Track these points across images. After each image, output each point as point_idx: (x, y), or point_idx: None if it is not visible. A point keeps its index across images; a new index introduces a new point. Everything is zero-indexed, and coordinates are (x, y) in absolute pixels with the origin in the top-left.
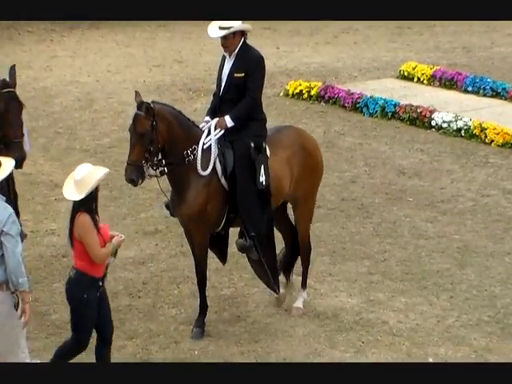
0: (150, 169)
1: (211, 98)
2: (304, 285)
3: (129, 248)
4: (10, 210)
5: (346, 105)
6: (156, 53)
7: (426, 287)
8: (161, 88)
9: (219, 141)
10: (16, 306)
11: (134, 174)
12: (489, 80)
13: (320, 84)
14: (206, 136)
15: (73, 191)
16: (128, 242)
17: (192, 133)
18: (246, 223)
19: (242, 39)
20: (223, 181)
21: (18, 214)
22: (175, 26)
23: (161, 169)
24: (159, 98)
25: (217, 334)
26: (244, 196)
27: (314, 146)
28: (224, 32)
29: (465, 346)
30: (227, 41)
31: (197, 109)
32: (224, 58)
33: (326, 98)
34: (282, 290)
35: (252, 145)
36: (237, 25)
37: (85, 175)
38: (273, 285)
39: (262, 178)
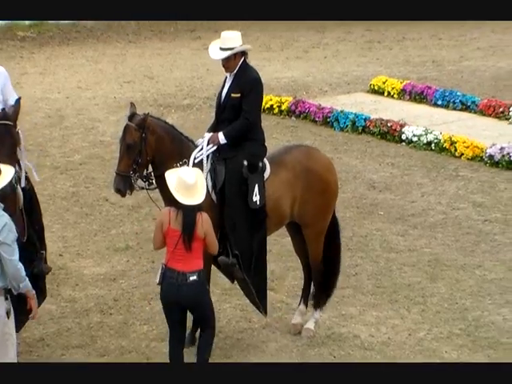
0: (140, 180)
1: (182, 113)
2: (317, 306)
3: (100, 265)
4: (6, 218)
5: (317, 119)
6: (126, 69)
7: (397, 301)
8: None
9: (213, 157)
10: (8, 314)
11: (122, 184)
12: (458, 93)
13: (291, 99)
14: (199, 151)
15: (191, 195)
16: (99, 258)
17: (184, 147)
18: (231, 240)
19: (243, 59)
20: (213, 196)
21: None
22: (145, 42)
23: (150, 181)
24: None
25: (189, 350)
26: (231, 212)
27: (323, 168)
28: (226, 54)
29: (436, 358)
30: (228, 62)
31: None
32: (226, 78)
33: (297, 112)
34: (298, 318)
35: (245, 163)
36: (238, 45)
37: (196, 177)
38: (259, 307)
39: (256, 198)
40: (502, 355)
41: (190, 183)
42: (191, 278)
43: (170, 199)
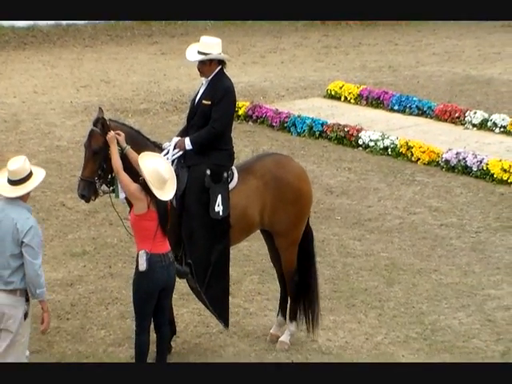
0: (104, 185)
1: (139, 118)
2: (292, 318)
3: (56, 270)
4: (32, 222)
5: (274, 124)
6: (83, 73)
7: (354, 305)
8: (88, 109)
9: (178, 163)
10: (25, 316)
11: (86, 190)
12: (415, 99)
13: (248, 104)
14: (165, 154)
15: (165, 189)
16: (55, 263)
17: (147, 150)
18: (186, 248)
19: (219, 67)
20: (174, 201)
21: None
22: (102, 47)
23: (114, 186)
24: (87, 119)
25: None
26: (189, 220)
27: (294, 177)
28: (200, 57)
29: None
30: (203, 66)
31: None
32: (202, 84)
33: (254, 117)
34: (275, 329)
35: (208, 172)
36: (215, 52)
37: (171, 172)
38: (218, 318)
39: (218, 208)
40: (458, 359)
41: (165, 178)
42: (171, 258)
43: (135, 177)
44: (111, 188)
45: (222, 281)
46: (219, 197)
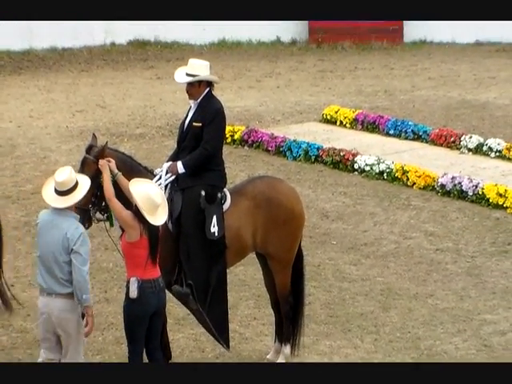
0: (98, 213)
1: (134, 143)
2: (286, 341)
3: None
4: (81, 229)
5: (270, 149)
6: (79, 98)
7: (350, 330)
8: (84, 133)
9: (171, 186)
10: (83, 316)
11: (80, 219)
12: (410, 123)
13: (243, 128)
14: (157, 180)
15: (157, 214)
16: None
17: (139, 175)
18: (185, 269)
19: (208, 89)
20: (170, 225)
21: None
22: (98, 71)
23: (108, 213)
24: (82, 144)
25: None
26: (186, 242)
27: (286, 198)
28: (188, 79)
29: None
30: (192, 88)
31: None
32: (190, 107)
33: (250, 142)
34: (272, 355)
35: (202, 193)
36: (204, 74)
37: (162, 197)
38: (219, 340)
39: (214, 229)
40: None
41: (157, 203)
42: (161, 284)
43: (126, 204)
44: (105, 215)
45: (221, 302)
46: (214, 217)
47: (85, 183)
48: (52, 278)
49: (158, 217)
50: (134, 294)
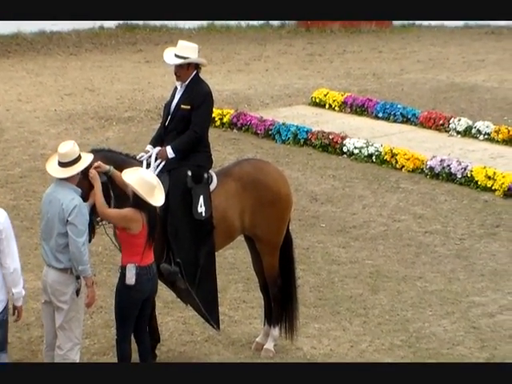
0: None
1: (123, 126)
2: (275, 323)
3: (41, 278)
4: (77, 201)
5: (259, 132)
6: (67, 81)
7: (339, 313)
8: (72, 117)
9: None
10: (77, 293)
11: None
12: (399, 106)
13: (232, 111)
14: (147, 166)
15: (155, 195)
16: (40, 272)
17: (127, 166)
18: (173, 248)
19: (195, 72)
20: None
21: None
22: (86, 55)
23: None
24: (71, 127)
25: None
26: (174, 221)
27: (273, 180)
28: (179, 61)
29: None
30: (180, 70)
31: (109, 137)
32: (176, 89)
33: (239, 125)
34: (262, 338)
35: (189, 173)
36: (193, 56)
37: (156, 179)
38: (209, 320)
39: (201, 209)
40: None
41: (153, 184)
42: (155, 269)
43: (121, 198)
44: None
45: (210, 282)
46: (201, 198)
47: (87, 158)
48: (50, 251)
49: (157, 197)
50: (131, 280)
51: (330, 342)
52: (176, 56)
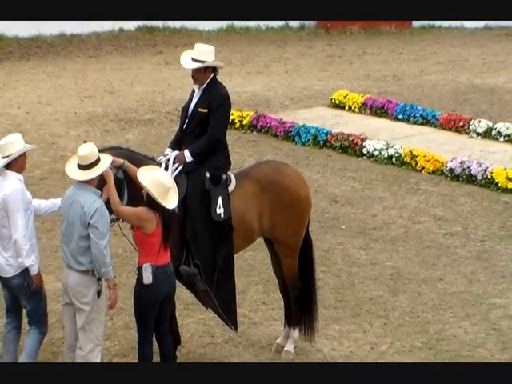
0: (113, 215)
1: (143, 128)
2: (295, 325)
3: (61, 280)
4: (99, 204)
5: (278, 134)
6: (87, 84)
7: (359, 314)
8: (92, 119)
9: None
10: (98, 294)
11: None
12: (419, 108)
13: (252, 113)
14: (165, 169)
15: (169, 197)
16: (60, 274)
17: (144, 165)
18: (192, 250)
19: (213, 74)
20: (176, 208)
21: None
22: (106, 57)
23: None
24: (91, 129)
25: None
26: (192, 223)
27: (292, 182)
28: (197, 65)
29: None
30: (198, 73)
31: (129, 139)
32: (193, 92)
33: (258, 127)
34: (282, 340)
35: (207, 175)
36: (210, 59)
37: (172, 180)
38: (227, 321)
39: (220, 210)
40: None
41: (168, 186)
42: (172, 268)
43: (136, 195)
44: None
45: (228, 284)
46: (220, 199)
47: (106, 160)
48: (70, 253)
49: (171, 200)
50: (148, 280)
51: (350, 343)
52: (193, 60)
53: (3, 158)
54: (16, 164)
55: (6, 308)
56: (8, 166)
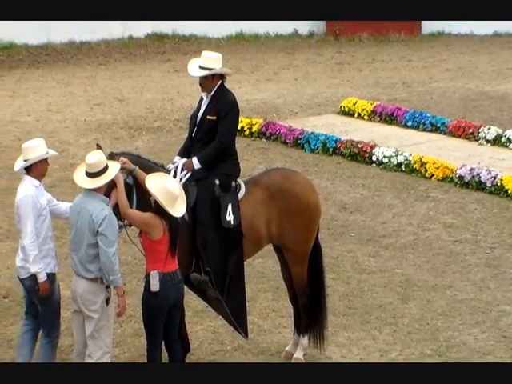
0: (120, 221)
1: (152, 136)
2: (304, 332)
3: (71, 288)
4: (107, 211)
5: (288, 141)
6: (97, 91)
7: (368, 322)
8: (102, 126)
9: (185, 179)
10: (107, 302)
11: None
12: (428, 115)
13: (261, 121)
14: (173, 177)
15: (176, 206)
16: (70, 281)
17: (153, 172)
18: (202, 257)
19: (220, 81)
20: (186, 216)
21: None
22: (116, 65)
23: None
24: (100, 137)
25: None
26: (202, 230)
27: (301, 190)
28: (204, 73)
29: None
30: (205, 81)
31: (138, 147)
32: (202, 99)
33: (268, 134)
34: (291, 347)
35: (217, 182)
36: (217, 67)
37: (180, 188)
38: (238, 328)
39: (230, 217)
40: None
41: (175, 194)
42: (180, 275)
43: (144, 202)
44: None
45: (239, 290)
46: (229, 206)
47: (114, 168)
48: (79, 261)
49: (178, 208)
50: (155, 287)
51: (359, 350)
52: (200, 67)
53: (24, 161)
54: (36, 169)
55: (25, 309)
56: (28, 171)
